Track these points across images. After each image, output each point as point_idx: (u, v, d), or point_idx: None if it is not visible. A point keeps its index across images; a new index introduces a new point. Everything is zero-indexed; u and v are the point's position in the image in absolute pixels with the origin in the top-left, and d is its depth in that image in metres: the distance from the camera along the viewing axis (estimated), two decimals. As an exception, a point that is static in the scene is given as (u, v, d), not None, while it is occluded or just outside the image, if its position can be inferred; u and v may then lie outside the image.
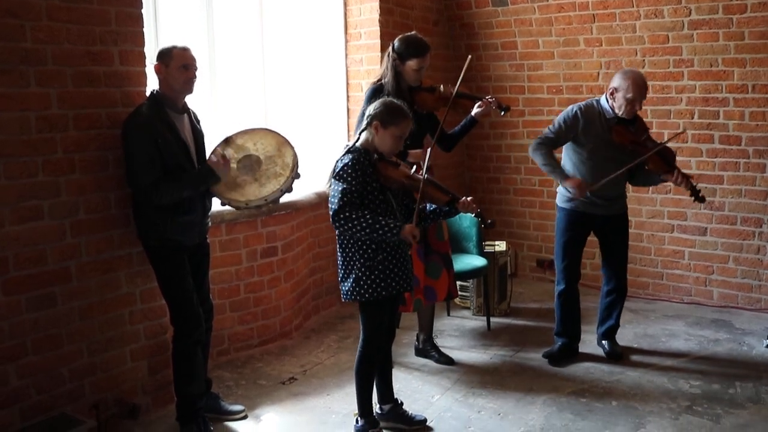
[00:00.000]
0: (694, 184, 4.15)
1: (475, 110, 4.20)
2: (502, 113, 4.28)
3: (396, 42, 4.10)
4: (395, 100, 3.30)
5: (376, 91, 4.07)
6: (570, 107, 4.28)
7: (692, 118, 5.39)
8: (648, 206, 5.66)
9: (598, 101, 4.23)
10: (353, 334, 4.94)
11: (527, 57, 6.12)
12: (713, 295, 5.50)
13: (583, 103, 4.28)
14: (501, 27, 6.16)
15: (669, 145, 4.24)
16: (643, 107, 5.25)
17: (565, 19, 5.79)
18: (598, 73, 5.70)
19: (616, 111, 4.13)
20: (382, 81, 4.10)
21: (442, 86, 4.22)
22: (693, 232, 5.54)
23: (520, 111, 6.25)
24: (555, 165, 4.22)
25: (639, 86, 4.06)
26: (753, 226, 5.27)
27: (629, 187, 5.52)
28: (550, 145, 4.21)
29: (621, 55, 5.58)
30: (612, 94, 4.14)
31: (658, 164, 4.12)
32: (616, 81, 4.13)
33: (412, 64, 4.04)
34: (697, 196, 4.12)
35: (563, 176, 4.19)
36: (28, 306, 3.19)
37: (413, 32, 4.21)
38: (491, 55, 6.30)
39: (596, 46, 5.71)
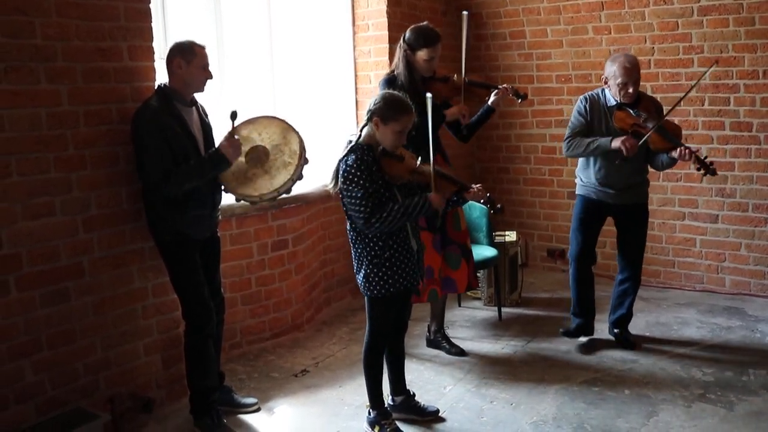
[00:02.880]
0: (702, 157, 4.01)
1: (492, 99, 4.22)
2: (519, 101, 4.30)
3: (407, 33, 4.12)
4: (396, 94, 3.25)
5: (389, 82, 4.08)
6: (578, 100, 4.31)
7: (702, 105, 5.36)
8: (659, 194, 5.63)
9: (603, 91, 4.24)
10: (364, 326, 4.92)
11: (536, 46, 6.10)
12: (725, 283, 5.48)
13: (589, 93, 4.31)
14: (509, 16, 6.13)
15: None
16: (654, 94, 5.25)
17: (573, 7, 5.77)
18: (608, 61, 5.67)
19: (616, 98, 4.13)
20: (395, 72, 4.11)
21: (455, 75, 4.23)
22: (704, 220, 5.51)
23: (530, 100, 6.21)
24: (594, 139, 4.12)
25: (626, 69, 4.03)
26: (765, 213, 5.24)
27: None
28: (579, 136, 4.19)
29: (630, 43, 5.55)
30: (606, 83, 4.16)
31: (659, 143, 4.03)
32: (606, 69, 4.16)
33: (422, 54, 4.04)
34: (708, 169, 3.95)
35: (610, 139, 4.06)
36: (42, 302, 3.21)
37: (425, 22, 4.22)
38: (500, 44, 6.28)
39: (605, 34, 5.68)
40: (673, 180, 5.58)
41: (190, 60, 3.34)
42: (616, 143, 4.01)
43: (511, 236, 5.49)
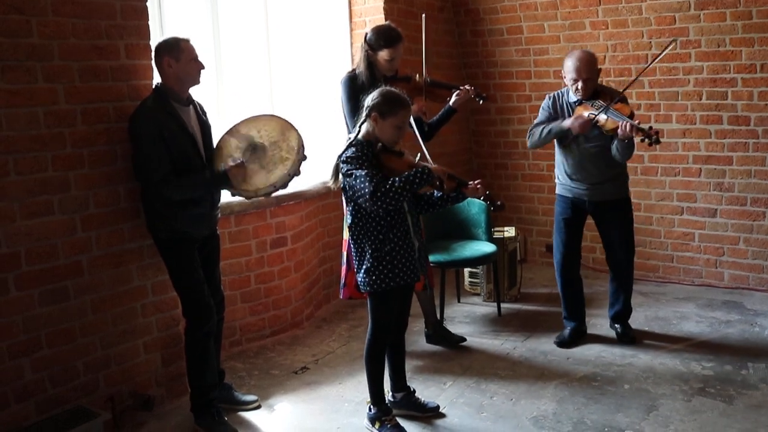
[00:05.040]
0: (645, 127, 3.91)
1: (453, 99, 4.25)
2: (480, 101, 4.37)
3: (368, 32, 4.13)
4: (393, 89, 3.27)
5: (350, 80, 4.12)
6: (545, 97, 4.38)
7: (700, 99, 5.35)
8: (657, 189, 5.64)
9: (567, 90, 4.28)
10: (364, 323, 4.94)
11: (533, 41, 6.09)
12: (724, 277, 5.48)
13: (554, 92, 4.37)
14: (506, 12, 6.12)
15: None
16: (651, 89, 5.26)
17: (570, 2, 5.76)
18: (605, 57, 5.65)
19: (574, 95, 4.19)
20: (357, 72, 4.13)
21: (417, 75, 4.26)
22: (703, 214, 5.51)
23: (527, 96, 6.23)
24: (548, 124, 4.19)
25: (576, 67, 4.05)
26: (763, 207, 5.25)
27: (638, 170, 5.54)
28: (538, 125, 4.27)
29: (627, 38, 5.54)
30: (564, 79, 4.20)
31: (609, 124, 3.97)
32: (563, 66, 4.17)
33: (383, 54, 4.05)
34: (650, 137, 3.82)
35: (560, 122, 4.14)
36: (41, 300, 3.21)
37: (387, 22, 4.26)
38: (497, 40, 6.27)
39: (602, 29, 5.68)
40: (671, 175, 5.58)
41: (178, 56, 3.33)
42: (568, 122, 4.07)
43: (509, 232, 5.49)
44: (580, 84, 4.09)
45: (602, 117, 3.98)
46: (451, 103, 4.29)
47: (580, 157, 4.21)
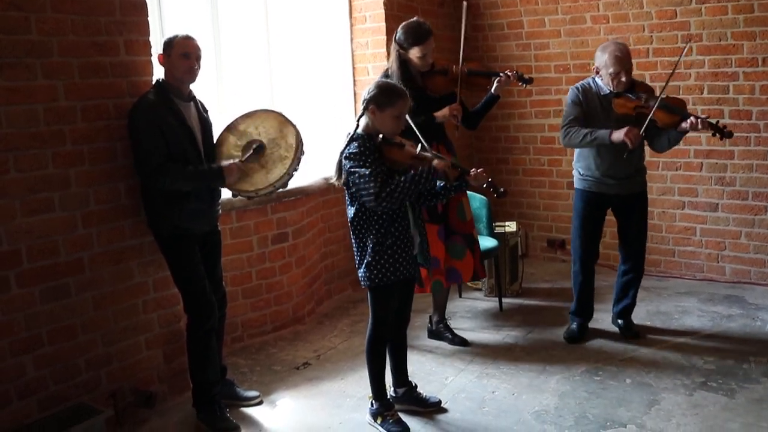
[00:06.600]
0: (714, 122, 3.96)
1: (494, 86, 4.21)
2: (524, 85, 4.28)
3: (398, 31, 4.12)
4: (388, 81, 3.27)
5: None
6: (570, 90, 4.27)
7: (701, 93, 5.34)
8: (658, 183, 5.62)
9: (593, 79, 4.21)
10: (366, 318, 4.90)
11: (534, 36, 6.08)
12: (725, 271, 5.48)
13: (580, 83, 4.27)
14: (506, 6, 6.11)
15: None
16: (652, 83, 5.23)
17: (571, -4, 5.75)
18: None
19: (609, 87, 4.11)
20: (389, 71, 4.12)
21: (454, 66, 4.21)
22: (704, 208, 5.50)
23: (528, 91, 6.21)
24: (593, 130, 4.05)
25: (618, 58, 4.00)
26: (765, 201, 5.24)
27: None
28: (577, 125, 4.13)
29: (628, 32, 5.53)
30: (597, 73, 4.13)
31: (667, 118, 3.98)
32: (597, 59, 4.12)
33: (414, 52, 4.05)
34: (723, 133, 3.91)
35: (609, 132, 3.99)
36: (42, 298, 3.21)
37: (414, 18, 4.17)
38: (497, 35, 6.25)
39: (603, 23, 5.66)
40: (672, 169, 5.57)
41: (169, 52, 3.36)
42: (618, 135, 3.94)
43: (511, 227, 5.48)
44: (623, 76, 4.02)
45: (657, 111, 3.94)
46: (492, 90, 4.23)
47: (616, 153, 4.07)
